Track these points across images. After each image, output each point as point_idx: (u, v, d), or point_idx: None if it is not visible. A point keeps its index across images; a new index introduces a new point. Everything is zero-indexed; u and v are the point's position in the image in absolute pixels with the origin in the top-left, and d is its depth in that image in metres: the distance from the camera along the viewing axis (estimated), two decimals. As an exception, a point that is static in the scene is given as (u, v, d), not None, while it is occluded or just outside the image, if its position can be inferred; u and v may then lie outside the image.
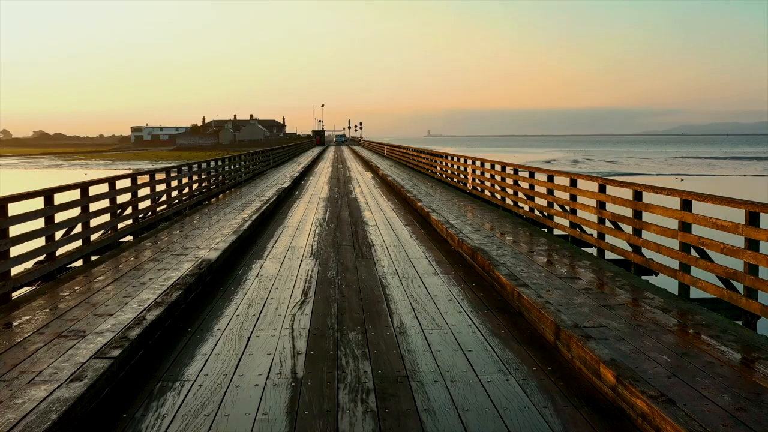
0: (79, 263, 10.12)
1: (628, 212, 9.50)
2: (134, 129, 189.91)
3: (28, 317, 6.94)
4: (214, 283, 8.88)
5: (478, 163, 19.69)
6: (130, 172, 13.57)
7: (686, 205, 7.96)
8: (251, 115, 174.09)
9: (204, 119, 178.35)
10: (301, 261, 10.34)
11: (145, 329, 6.14)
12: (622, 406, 4.76)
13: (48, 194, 8.99)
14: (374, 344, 6.21)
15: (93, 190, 10.63)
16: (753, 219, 6.73)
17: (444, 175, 25.18)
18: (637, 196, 9.27)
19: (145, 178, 13.84)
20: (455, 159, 23.99)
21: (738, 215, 7.00)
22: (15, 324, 6.68)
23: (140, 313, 6.81)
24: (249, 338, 6.42)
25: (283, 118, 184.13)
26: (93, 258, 10.46)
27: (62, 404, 4.41)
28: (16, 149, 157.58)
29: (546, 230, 12.96)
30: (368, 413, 4.68)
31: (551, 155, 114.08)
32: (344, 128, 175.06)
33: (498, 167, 17.11)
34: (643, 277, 9.14)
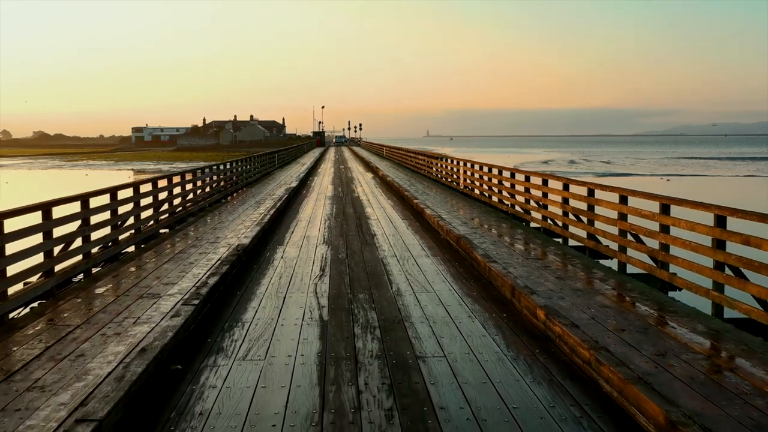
0: (131, 249, 12.24)
1: (584, 206, 11.64)
2: (135, 130, 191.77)
3: (111, 285, 9.06)
4: (249, 263, 11.03)
5: (469, 165, 21.82)
6: (168, 173, 15.67)
7: (623, 200, 10.10)
8: (251, 116, 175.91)
9: (204, 120, 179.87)
10: (316, 247, 12.50)
11: (210, 289, 8.31)
12: (548, 334, 6.90)
13: (113, 191, 11.14)
14: (378, 301, 8.36)
15: (124, 189, 12.74)
16: (665, 209, 8.86)
17: (439, 176, 27.29)
18: (590, 192, 11.40)
19: (177, 179, 15.95)
20: (449, 161, 26.13)
21: (656, 206, 9.12)
22: (103, 290, 8.79)
23: (200, 279, 8.96)
24: (284, 298, 8.59)
25: (283, 119, 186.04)
26: (142, 246, 12.57)
27: (173, 328, 6.56)
28: (17, 150, 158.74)
29: (524, 223, 15.05)
30: (375, 339, 6.83)
31: (549, 156, 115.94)
32: (344, 129, 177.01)
33: (485, 168, 19.24)
34: (598, 261, 11.26)
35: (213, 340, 6.84)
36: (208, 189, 19.04)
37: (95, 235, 10.37)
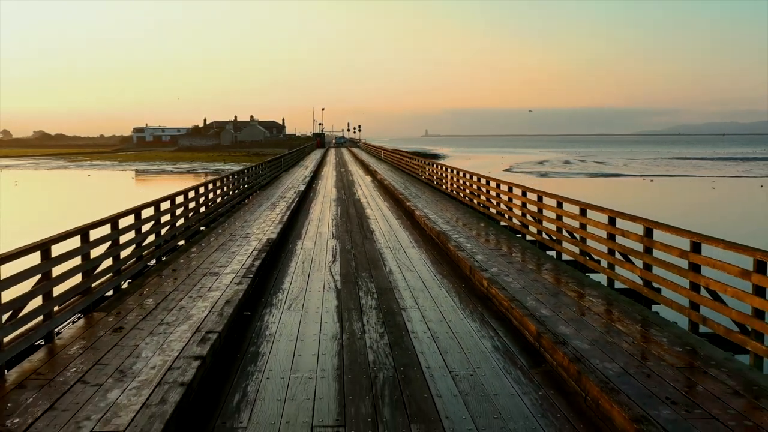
0: (182, 242, 15.59)
1: (535, 209, 15.00)
2: (136, 130, 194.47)
3: (180, 268, 12.40)
4: (277, 252, 14.43)
5: (455, 171, 25.19)
6: (206, 180, 19.01)
7: (559, 205, 13.47)
8: (251, 117, 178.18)
9: (205, 120, 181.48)
10: (328, 240, 15.91)
11: (257, 269, 11.70)
12: (488, 295, 10.31)
13: (173, 197, 14.51)
14: (375, 278, 11.76)
15: (179, 195, 16.07)
16: (583, 212, 12.23)
17: (432, 179, 30.62)
18: (539, 198, 14.78)
19: (211, 185, 19.30)
20: (439, 166, 29.51)
21: (577, 210, 12.48)
22: (175, 271, 12.14)
23: (245, 263, 12.33)
24: (308, 275, 11.99)
25: (283, 119, 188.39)
26: (190, 240, 15.91)
27: (241, 290, 9.97)
28: (20, 150, 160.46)
29: (497, 223, 18.39)
30: (373, 299, 10.24)
31: (545, 156, 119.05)
32: (343, 130, 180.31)
33: (468, 175, 22.60)
34: (546, 252, 14.60)
35: (266, 299, 10.27)
36: (231, 193, 22.39)
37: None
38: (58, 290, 8.53)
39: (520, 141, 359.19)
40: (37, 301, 7.98)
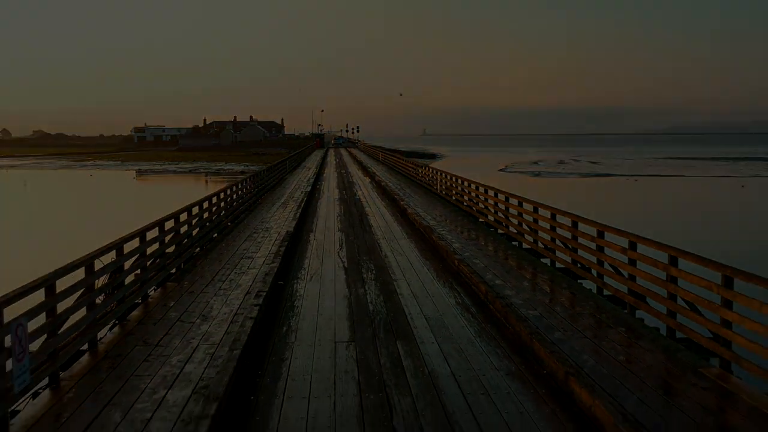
0: (215, 235, 19.03)
1: (503, 207, 18.47)
2: (137, 129, 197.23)
3: (220, 253, 15.84)
4: (295, 242, 17.91)
5: (443, 174, 28.64)
6: (231, 183, 22.46)
7: (520, 204, 16.94)
8: (251, 117, 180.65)
9: (205, 120, 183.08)
10: (335, 233, 19.41)
11: (284, 252, 15.20)
12: (459, 271, 13.80)
13: (211, 197, 17.95)
14: (374, 259, 15.27)
15: (214, 197, 19.50)
16: (535, 210, 15.69)
17: (426, 179, 34.03)
18: (507, 199, 18.24)
19: (234, 188, 22.72)
20: (430, 170, 32.99)
21: (531, 207, 15.94)
22: (218, 255, 15.59)
23: (273, 249, 15.80)
24: (322, 258, 15.50)
25: (282, 120, 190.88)
26: (223, 233, 19.33)
27: (275, 267, 13.45)
28: (23, 150, 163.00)
29: (477, 220, 21.82)
30: (372, 273, 13.76)
31: (540, 156, 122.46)
32: (341, 130, 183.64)
33: (454, 178, 26.05)
34: (512, 242, 18.06)
35: (292, 274, 13.79)
36: (249, 194, 25.84)
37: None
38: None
39: (520, 140, 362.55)
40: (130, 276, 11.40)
